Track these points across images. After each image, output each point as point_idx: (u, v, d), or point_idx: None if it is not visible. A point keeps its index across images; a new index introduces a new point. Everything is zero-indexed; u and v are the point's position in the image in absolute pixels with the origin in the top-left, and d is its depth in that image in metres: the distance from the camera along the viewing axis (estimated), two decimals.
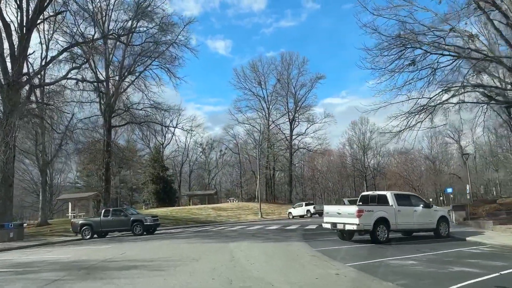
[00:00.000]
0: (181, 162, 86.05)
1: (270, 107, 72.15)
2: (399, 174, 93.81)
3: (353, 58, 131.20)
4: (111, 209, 26.83)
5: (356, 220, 14.34)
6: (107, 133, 39.88)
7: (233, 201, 66.94)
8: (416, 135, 28.59)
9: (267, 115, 72.07)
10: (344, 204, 29.36)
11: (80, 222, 26.18)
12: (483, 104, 31.91)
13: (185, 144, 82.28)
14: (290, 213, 49.75)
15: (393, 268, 9.47)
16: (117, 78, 40.31)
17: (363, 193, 17.57)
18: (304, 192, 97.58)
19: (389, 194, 15.83)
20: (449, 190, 57.37)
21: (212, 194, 77.90)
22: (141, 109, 42.29)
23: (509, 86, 24.16)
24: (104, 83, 40.60)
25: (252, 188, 75.16)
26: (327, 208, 16.31)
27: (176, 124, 45.79)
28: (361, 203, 16.69)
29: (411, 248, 13.24)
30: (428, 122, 26.92)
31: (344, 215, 14.96)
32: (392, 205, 15.44)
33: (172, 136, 54.13)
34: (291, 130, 73.01)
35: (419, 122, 26.43)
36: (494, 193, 62.35)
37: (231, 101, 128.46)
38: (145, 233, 25.21)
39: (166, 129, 52.83)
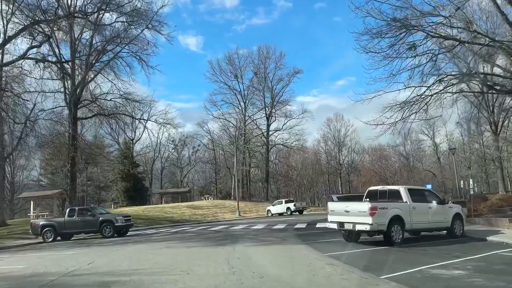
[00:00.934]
0: (152, 159, 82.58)
1: (247, 101, 69.85)
2: (374, 171, 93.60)
3: (324, 57, 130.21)
4: (76, 208, 23.87)
5: (369, 219, 12.30)
6: (73, 125, 36.50)
7: (208, 199, 64.32)
8: (410, 127, 27.30)
9: (243, 109, 69.72)
10: (333, 200, 27.26)
11: (41, 223, 23.11)
12: (478, 95, 30.68)
13: (157, 140, 78.90)
14: (269, 210, 47.75)
15: (447, 281, 7.39)
16: (83, 62, 36.99)
17: (371, 188, 15.50)
18: (278, 190, 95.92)
19: (402, 189, 13.86)
20: (429, 186, 57.20)
21: (185, 192, 74.98)
22: (110, 100, 39.09)
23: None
24: (70, 71, 37.23)
25: (228, 185, 72.73)
26: (332, 205, 14.16)
27: (149, 117, 42.70)
28: (368, 199, 14.70)
29: (438, 252, 11.29)
30: (423, 113, 25.56)
31: (353, 213, 12.88)
32: (406, 202, 13.49)
33: (144, 129, 50.69)
34: (268, 125, 70.98)
35: (414, 113, 24.95)
36: (476, 189, 62.08)
37: (202, 98, 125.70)
38: (116, 235, 22.42)
39: (138, 122, 49.57)
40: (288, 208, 45.92)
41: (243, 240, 16.03)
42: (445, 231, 14.84)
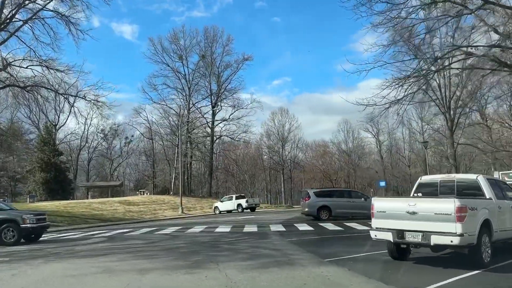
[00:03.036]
0: (78, 148, 73.14)
1: (191, 87, 63.05)
2: (318, 167, 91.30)
3: (262, 56, 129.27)
4: None
5: (457, 227, 7.39)
6: None
7: (144, 194, 57.13)
8: (406, 109, 23.27)
9: (187, 96, 62.87)
10: (308, 195, 22.40)
11: None
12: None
13: (85, 126, 69.94)
14: (216, 207, 42.28)
15: None
16: None
17: (425, 178, 10.48)
18: (218, 185, 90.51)
19: (482, 180, 9.11)
20: (382, 183, 54.90)
21: (116, 185, 66.97)
22: (26, 67, 31.13)
23: None
24: None
25: (166, 179, 65.78)
26: (381, 204, 8.85)
27: (77, 93, 34.86)
28: (418, 194, 9.83)
29: None
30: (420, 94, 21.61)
31: (424, 216, 7.85)
32: (490, 198, 8.80)
33: (71, 109, 41.74)
34: (213, 115, 64.91)
35: (411, 93, 20.84)
36: None
37: (137, 89, 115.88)
38: (23, 240, 15.75)
39: (64, 99, 41.38)
40: (239, 205, 40.75)
41: (224, 254, 10.46)
42: None
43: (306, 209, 22.14)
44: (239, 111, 64.28)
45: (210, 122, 64.85)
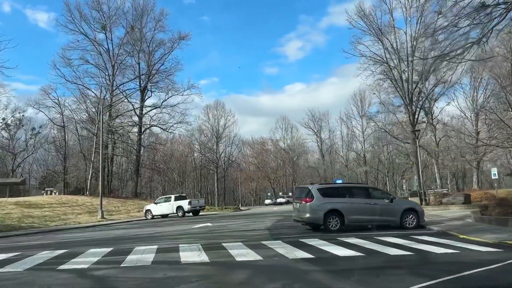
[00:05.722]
0: None
1: (116, 66, 52.33)
2: (256, 165, 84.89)
3: (189, 54, 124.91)
4: None
5: None
6: None
7: (52, 194, 45.72)
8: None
9: (110, 76, 52.09)
10: (311, 195, 14.68)
11: None
12: None
13: None
14: (148, 211, 33.43)
15: None
16: None
17: None
18: (141, 185, 79.98)
19: None
20: (339, 181, 49.42)
21: (17, 183, 54.12)
22: None
23: None
24: None
25: (81, 176, 54.37)
26: None
27: None
28: None
29: None
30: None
31: None
32: None
33: None
34: (142, 100, 54.89)
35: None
36: (404, 187, 56.13)
37: (48, 80, 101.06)
38: None
39: None
40: (179, 208, 32.24)
41: None
42: None
43: (308, 215, 14.52)
44: (174, 97, 55.18)
45: (138, 109, 54.69)
